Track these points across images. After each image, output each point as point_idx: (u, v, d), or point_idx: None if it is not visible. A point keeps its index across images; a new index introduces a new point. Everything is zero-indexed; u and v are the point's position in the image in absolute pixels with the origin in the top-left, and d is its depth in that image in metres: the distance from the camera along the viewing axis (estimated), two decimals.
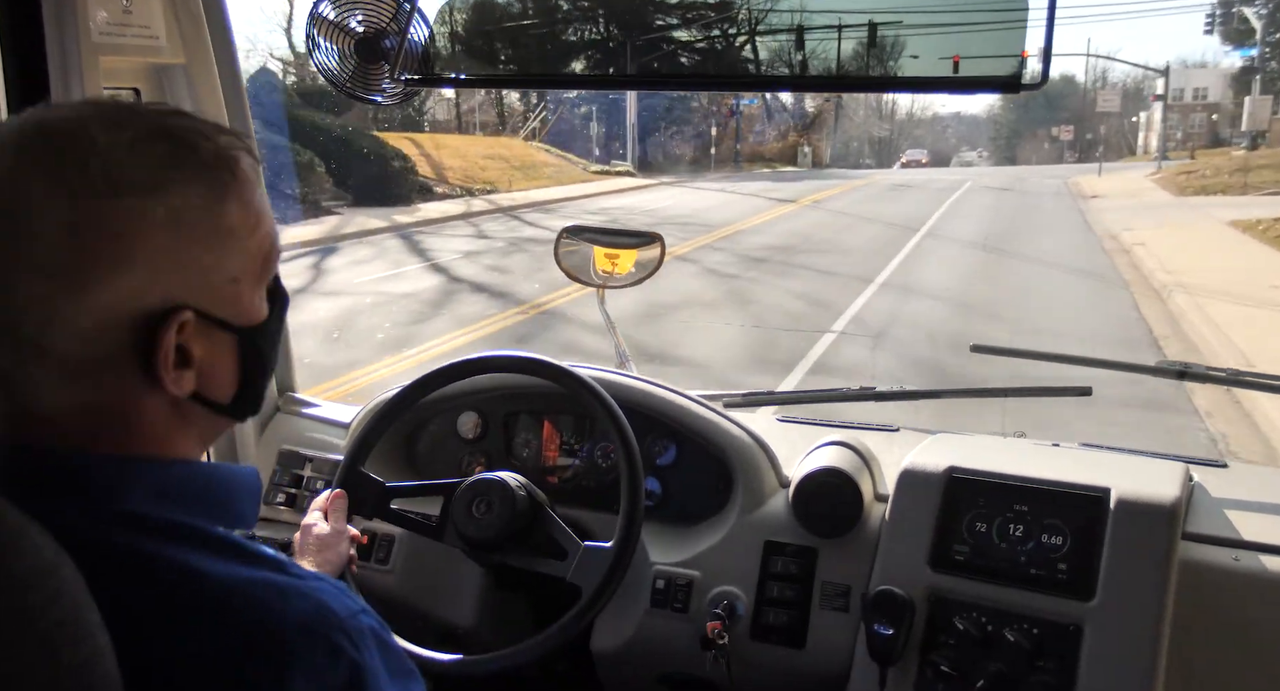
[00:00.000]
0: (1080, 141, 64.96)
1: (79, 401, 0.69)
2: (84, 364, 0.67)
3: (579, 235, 1.94)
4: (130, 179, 0.66)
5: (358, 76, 1.49)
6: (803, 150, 53.03)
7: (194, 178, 0.69)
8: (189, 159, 0.69)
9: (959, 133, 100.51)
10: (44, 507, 0.66)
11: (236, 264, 0.72)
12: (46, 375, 0.67)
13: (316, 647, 0.66)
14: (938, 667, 1.28)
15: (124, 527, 0.68)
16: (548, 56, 1.45)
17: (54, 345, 0.66)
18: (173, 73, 1.54)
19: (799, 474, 1.47)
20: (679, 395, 1.63)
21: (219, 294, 0.72)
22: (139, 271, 0.67)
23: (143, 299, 0.67)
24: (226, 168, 0.72)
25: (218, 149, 0.71)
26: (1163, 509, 1.27)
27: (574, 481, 1.70)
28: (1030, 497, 1.34)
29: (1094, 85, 70.81)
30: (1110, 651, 1.22)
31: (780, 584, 1.45)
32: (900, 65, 1.23)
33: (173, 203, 0.68)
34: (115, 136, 0.67)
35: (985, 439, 1.65)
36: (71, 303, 0.65)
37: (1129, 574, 1.25)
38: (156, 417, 0.72)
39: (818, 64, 1.25)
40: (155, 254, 0.67)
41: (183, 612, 0.66)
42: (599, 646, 1.53)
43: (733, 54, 1.33)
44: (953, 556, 1.35)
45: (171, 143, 0.69)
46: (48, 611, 0.56)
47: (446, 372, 1.53)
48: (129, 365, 0.68)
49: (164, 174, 0.68)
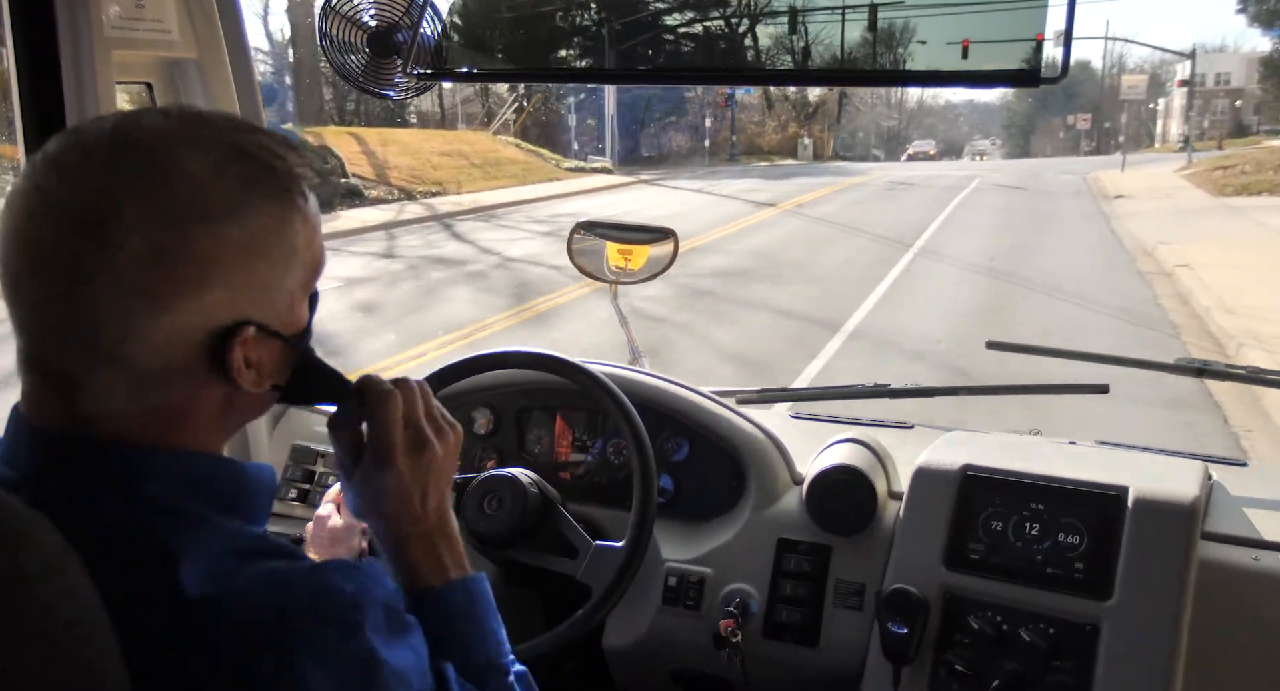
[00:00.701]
0: (1097, 130, 62.21)
1: (143, 405, 0.70)
2: (154, 373, 0.69)
3: (592, 231, 1.94)
4: (215, 204, 0.68)
5: (370, 71, 1.48)
6: (803, 142, 51.12)
7: (269, 200, 0.71)
8: (266, 182, 0.72)
9: (971, 120, 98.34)
10: (62, 494, 0.68)
11: (296, 278, 0.75)
12: (116, 382, 0.69)
13: (326, 628, 0.67)
14: (952, 667, 1.27)
15: (138, 514, 0.69)
16: (560, 49, 1.44)
17: (128, 357, 0.68)
18: (185, 67, 1.54)
19: (812, 471, 1.46)
20: (692, 392, 1.62)
21: (277, 306, 0.74)
22: (217, 292, 0.69)
23: (217, 317, 0.70)
24: (297, 188, 0.74)
25: (289, 169, 0.73)
26: (1182, 508, 1.26)
27: (586, 478, 1.69)
28: (1046, 496, 1.33)
29: (1111, 70, 68.45)
30: (1128, 651, 1.21)
31: (793, 581, 1.44)
32: (910, 54, 1.20)
33: (250, 226, 0.70)
34: (201, 158, 0.69)
35: (1000, 436, 1.63)
36: (150, 320, 0.67)
37: (1147, 573, 1.23)
38: (208, 414, 0.74)
39: (823, 52, 1.23)
40: (231, 275, 0.69)
41: (188, 602, 0.66)
42: (610, 644, 1.52)
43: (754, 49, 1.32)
44: (968, 555, 1.33)
45: (248, 164, 0.71)
46: (56, 609, 0.55)
47: (459, 368, 1.52)
48: (198, 372, 0.71)
49: (243, 197, 0.70)
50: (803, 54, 1.22)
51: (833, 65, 1.23)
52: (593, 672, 1.63)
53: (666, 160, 42.89)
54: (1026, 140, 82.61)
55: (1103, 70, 70.54)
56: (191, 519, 0.71)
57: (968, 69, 1.21)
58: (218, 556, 0.69)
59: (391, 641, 0.71)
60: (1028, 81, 1.17)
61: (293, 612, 0.66)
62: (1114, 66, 68.55)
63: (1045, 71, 1.14)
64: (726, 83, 2.42)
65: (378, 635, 0.69)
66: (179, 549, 0.68)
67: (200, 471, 0.74)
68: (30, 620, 0.54)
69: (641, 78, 1.43)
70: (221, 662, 0.65)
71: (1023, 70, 1.16)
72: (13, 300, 0.69)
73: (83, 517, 0.67)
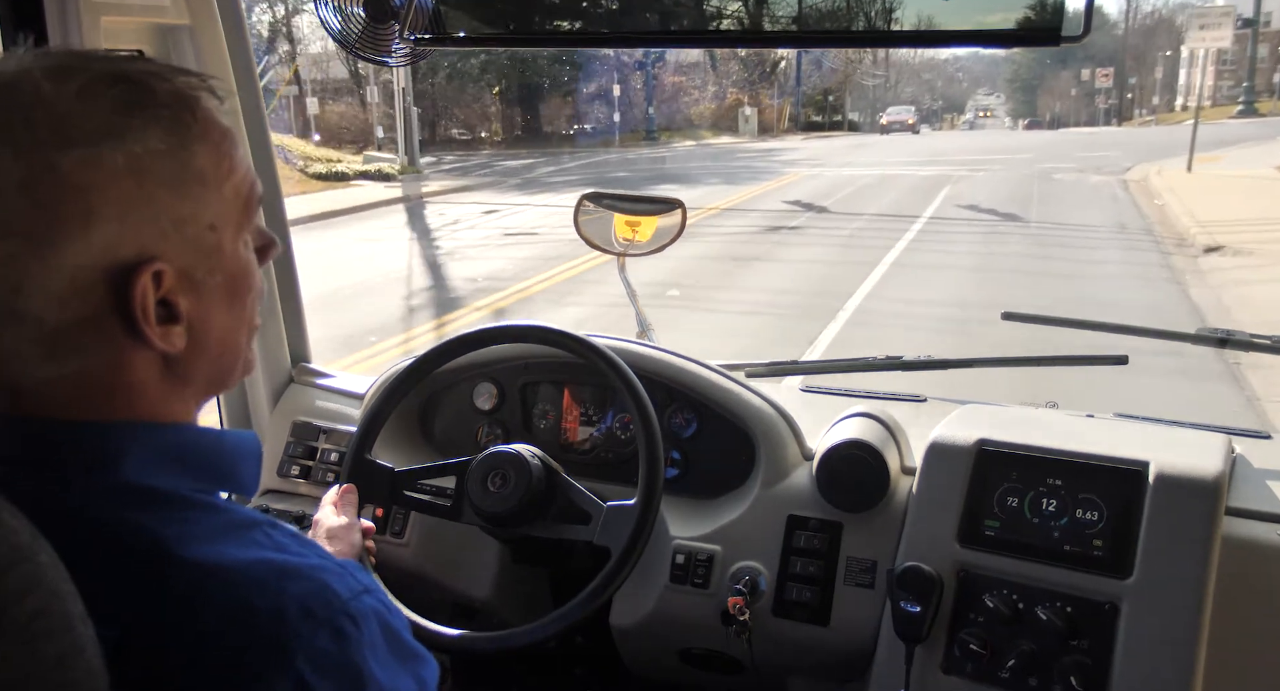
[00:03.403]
0: (1120, 87, 53.39)
1: (66, 370, 0.66)
2: (64, 329, 0.64)
3: (599, 202, 1.90)
4: (81, 128, 0.63)
5: (366, 37, 1.44)
6: (744, 114, 41.71)
7: (152, 121, 0.65)
8: (145, 102, 0.65)
9: (974, 75, 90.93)
10: (30, 482, 0.64)
11: (213, 210, 0.69)
12: (26, 343, 0.64)
13: (319, 630, 0.63)
14: (967, 646, 1.24)
15: (116, 500, 0.66)
16: (562, 13, 1.40)
17: (29, 310, 0.63)
18: (178, 34, 1.50)
19: (823, 446, 1.43)
20: (700, 365, 1.58)
21: (199, 243, 0.68)
22: (107, 225, 0.63)
23: (116, 253, 0.64)
24: (186, 108, 0.68)
25: (175, 89, 0.68)
26: (1204, 483, 1.22)
27: (593, 453, 1.67)
28: (1064, 471, 1.29)
29: (1133, 16, 60.44)
30: (1149, 630, 1.18)
31: (804, 559, 1.41)
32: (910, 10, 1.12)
33: (132, 149, 0.64)
34: (62, 86, 0.63)
35: (1016, 410, 1.59)
36: (39, 263, 0.62)
37: (1169, 550, 1.20)
38: (148, 380, 0.69)
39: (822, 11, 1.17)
40: (121, 205, 0.64)
41: (177, 596, 0.63)
42: (618, 622, 1.50)
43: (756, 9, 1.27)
44: (983, 531, 1.30)
45: (124, 87, 0.65)
46: (23, 600, 0.52)
47: (461, 342, 1.49)
48: (112, 325, 0.65)
49: (118, 120, 0.64)
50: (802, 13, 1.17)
51: (831, 26, 1.17)
52: (601, 652, 1.61)
53: (550, 142, 35.00)
54: (1033, 97, 76.77)
55: (1129, 18, 61.25)
56: (176, 500, 0.67)
57: (979, 28, 1.14)
58: (209, 540, 0.65)
59: (389, 663, 0.67)
60: (1046, 40, 1.11)
61: (290, 611, 0.63)
62: (1132, 11, 61.34)
63: (1066, 28, 1.08)
64: (731, 45, 2.37)
65: (371, 650, 0.66)
66: (167, 537, 0.64)
67: (174, 444, 0.70)
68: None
69: (643, 42, 1.38)
70: (211, 657, 0.62)
71: (1040, 27, 1.09)
72: None
73: (57, 510, 0.63)
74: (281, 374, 1.83)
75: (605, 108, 35.90)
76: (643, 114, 37.54)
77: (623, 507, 1.34)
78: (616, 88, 34.56)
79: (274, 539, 0.69)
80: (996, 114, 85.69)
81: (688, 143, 36.02)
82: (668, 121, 39.75)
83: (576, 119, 38.43)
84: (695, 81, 41.74)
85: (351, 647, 0.64)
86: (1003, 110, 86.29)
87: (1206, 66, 48.19)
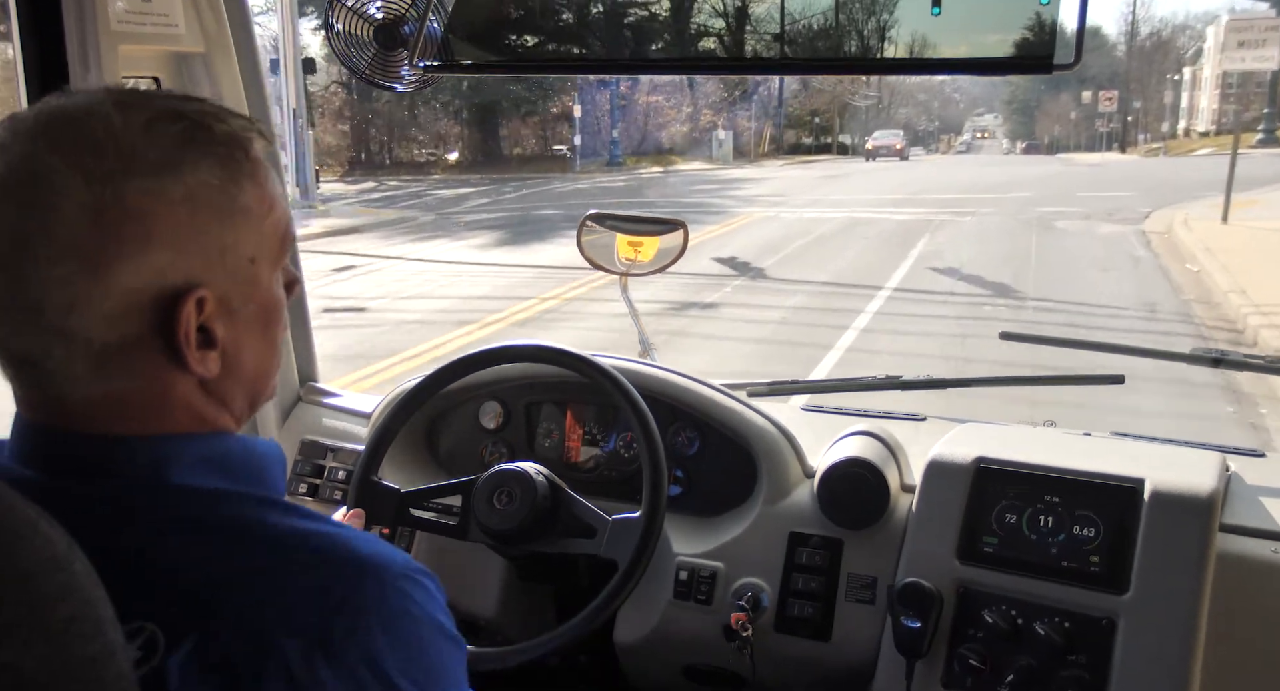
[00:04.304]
0: (1124, 111, 49.51)
1: (111, 388, 0.69)
2: (110, 348, 0.68)
3: (602, 222, 1.93)
4: (145, 159, 0.67)
5: (377, 63, 1.48)
6: (717, 137, 38.07)
7: (208, 156, 0.70)
8: (203, 139, 0.70)
9: (971, 95, 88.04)
10: (83, 489, 0.69)
11: (253, 243, 0.73)
12: (75, 361, 0.68)
13: (388, 592, 0.68)
14: (966, 661, 1.26)
15: (171, 501, 0.70)
16: (571, 40, 1.43)
17: (79, 329, 0.66)
18: (192, 61, 1.54)
19: (824, 464, 1.45)
20: (703, 384, 1.61)
21: (238, 274, 0.72)
22: (159, 251, 0.67)
23: (164, 279, 0.67)
24: (240, 147, 0.72)
25: (230, 130, 0.72)
26: (1199, 499, 1.24)
27: (596, 471, 1.69)
28: (1061, 488, 1.31)
29: (1126, 37, 57.35)
30: (1145, 645, 1.20)
31: (805, 575, 1.43)
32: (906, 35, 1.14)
33: (188, 181, 0.68)
34: (130, 118, 0.68)
35: (1014, 428, 1.62)
36: (94, 284, 0.65)
37: (1164, 566, 1.22)
38: (194, 401, 0.73)
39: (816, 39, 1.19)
40: (174, 233, 0.68)
41: (254, 566, 0.67)
42: (622, 638, 1.52)
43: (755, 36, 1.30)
44: (981, 548, 1.32)
45: (185, 123, 0.70)
46: (58, 606, 0.55)
47: (467, 362, 1.51)
48: (155, 347, 0.69)
49: (179, 153, 0.68)
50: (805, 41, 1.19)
51: (823, 52, 1.19)
52: (604, 669, 1.63)
53: (508, 166, 31.71)
54: (1031, 119, 74.78)
55: (1131, 39, 57.63)
56: (228, 496, 0.72)
57: (971, 56, 1.16)
58: (279, 514, 0.70)
59: (442, 627, 0.72)
60: (1038, 67, 1.13)
61: (363, 575, 0.67)
62: (1130, 31, 57.98)
63: (1058, 56, 1.10)
64: (739, 72, 2.40)
65: (430, 613, 0.71)
66: (241, 513, 0.69)
67: (215, 450, 0.74)
68: (31, 617, 0.53)
69: (647, 68, 1.41)
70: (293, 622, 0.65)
71: (1032, 54, 1.11)
72: None
73: (114, 513, 0.68)
74: (289, 393, 1.86)
75: (570, 130, 32.87)
76: (612, 137, 34.36)
77: (628, 519, 1.36)
78: (577, 109, 31.48)
79: (324, 516, 0.74)
80: (994, 135, 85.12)
81: (655, 169, 32.70)
82: (638, 145, 36.28)
83: (538, 142, 36.00)
84: (672, 102, 37.63)
85: (416, 608, 0.69)
86: (1000, 131, 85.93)
87: (1211, 90, 45.78)
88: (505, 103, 32.68)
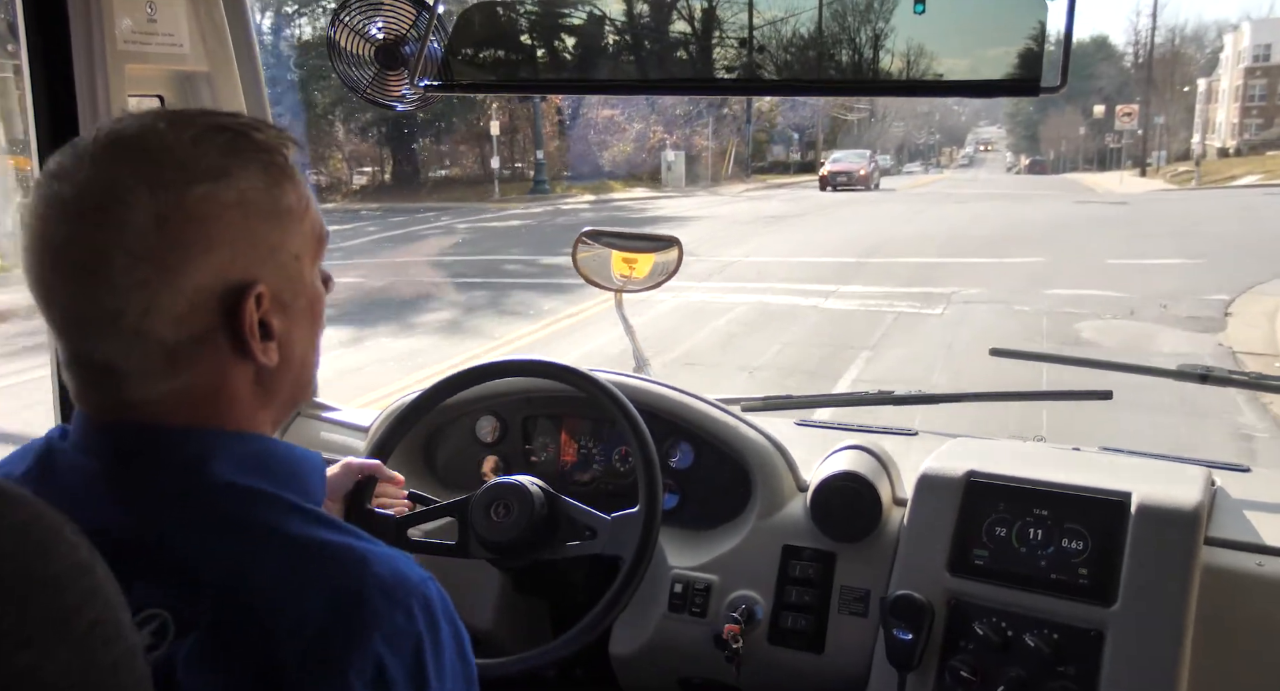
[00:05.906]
0: (1146, 125, 42.57)
1: (179, 384, 0.74)
2: (181, 346, 0.73)
3: (597, 239, 1.95)
4: (199, 168, 0.73)
5: (377, 83, 1.50)
6: (666, 159, 31.09)
7: (252, 163, 0.76)
8: (247, 147, 0.76)
9: (973, 106, 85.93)
10: (129, 474, 0.74)
11: (297, 242, 0.79)
12: (150, 362, 0.72)
13: (396, 610, 0.70)
14: (957, 673, 1.28)
15: (208, 494, 0.73)
16: (570, 61, 1.45)
17: (153, 330, 0.71)
18: (196, 80, 1.56)
19: (817, 478, 1.47)
20: (697, 399, 1.63)
21: (287, 270, 0.78)
22: (221, 251, 0.72)
23: (227, 277, 0.73)
24: (278, 152, 0.78)
25: (267, 138, 0.78)
26: (1185, 513, 1.26)
27: (592, 485, 1.70)
28: (1050, 502, 1.33)
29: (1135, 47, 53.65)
30: (1132, 656, 1.21)
31: (798, 588, 1.45)
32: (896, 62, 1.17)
33: (239, 186, 0.74)
34: (180, 133, 0.74)
35: (1004, 443, 1.64)
36: (167, 288, 0.71)
37: (1151, 578, 1.24)
38: (242, 391, 0.77)
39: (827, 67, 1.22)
40: (230, 234, 0.73)
41: (270, 569, 0.69)
42: (617, 650, 1.53)
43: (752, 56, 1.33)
44: (972, 561, 1.34)
45: (229, 134, 0.76)
46: (82, 611, 0.56)
47: (464, 377, 1.53)
48: (220, 341, 0.74)
49: (226, 161, 0.74)
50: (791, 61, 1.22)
51: (810, 75, 1.22)
52: (600, 681, 1.64)
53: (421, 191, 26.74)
54: (1036, 132, 71.45)
55: (1149, 47, 50.26)
56: (263, 495, 0.75)
57: (959, 79, 1.19)
58: (303, 522, 0.73)
59: (451, 645, 0.74)
60: (1025, 90, 1.15)
61: (371, 590, 0.69)
62: (1139, 43, 53.51)
63: (1045, 79, 1.12)
64: (733, 93, 2.42)
65: (438, 632, 0.72)
66: (267, 516, 0.72)
67: (257, 451, 0.78)
68: (56, 621, 0.55)
69: (649, 89, 1.43)
70: (296, 629, 0.67)
71: (1018, 78, 1.14)
72: (46, 306, 0.73)
73: (156, 499, 0.72)
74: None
75: (489, 149, 27.25)
76: (554, 157, 28.38)
77: (628, 516, 1.36)
78: (495, 126, 25.72)
79: (350, 527, 0.76)
80: (998, 148, 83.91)
81: (586, 197, 26.52)
82: (576, 168, 29.66)
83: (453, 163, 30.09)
84: (626, 115, 30.13)
85: (423, 628, 0.71)
86: (1004, 144, 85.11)
87: (1230, 102, 42.77)
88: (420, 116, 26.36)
